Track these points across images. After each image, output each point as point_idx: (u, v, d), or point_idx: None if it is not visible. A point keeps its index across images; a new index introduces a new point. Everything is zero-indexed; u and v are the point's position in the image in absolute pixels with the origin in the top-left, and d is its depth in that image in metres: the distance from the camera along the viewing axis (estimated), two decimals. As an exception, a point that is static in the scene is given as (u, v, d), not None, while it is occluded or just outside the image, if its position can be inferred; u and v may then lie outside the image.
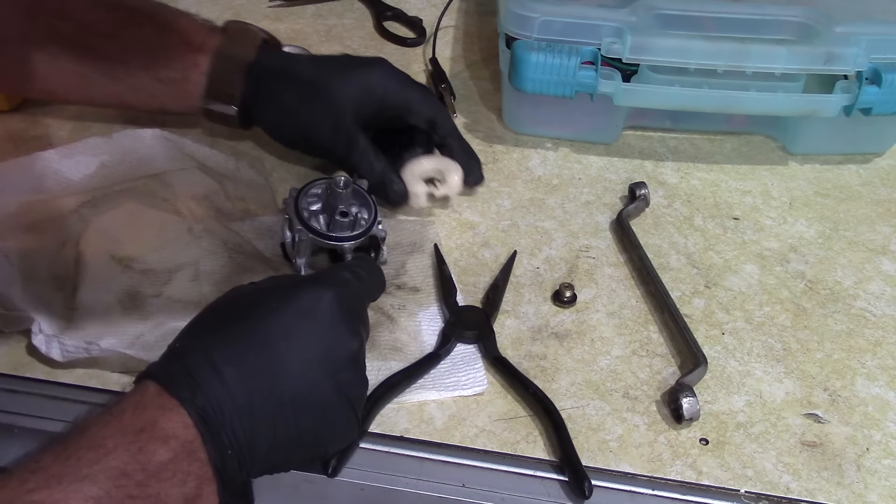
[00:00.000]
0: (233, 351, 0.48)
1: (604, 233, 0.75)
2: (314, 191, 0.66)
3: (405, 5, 1.03)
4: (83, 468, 0.43)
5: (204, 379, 0.47)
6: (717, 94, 0.76)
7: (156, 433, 0.45)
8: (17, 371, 0.60)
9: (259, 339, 0.49)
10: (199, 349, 0.48)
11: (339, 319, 0.51)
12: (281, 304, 0.51)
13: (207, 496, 0.46)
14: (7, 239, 0.66)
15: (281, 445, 0.49)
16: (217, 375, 0.47)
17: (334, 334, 0.51)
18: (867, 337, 0.67)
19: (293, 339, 0.49)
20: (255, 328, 0.49)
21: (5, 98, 0.83)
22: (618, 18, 0.74)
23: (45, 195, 0.70)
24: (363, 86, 0.70)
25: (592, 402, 0.61)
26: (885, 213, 0.79)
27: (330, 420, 0.51)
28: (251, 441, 0.47)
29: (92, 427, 0.45)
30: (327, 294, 0.51)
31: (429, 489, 0.55)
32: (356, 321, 0.53)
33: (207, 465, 0.46)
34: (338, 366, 0.50)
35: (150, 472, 0.44)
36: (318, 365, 0.50)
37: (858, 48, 0.74)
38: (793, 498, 0.56)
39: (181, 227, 0.70)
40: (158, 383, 0.47)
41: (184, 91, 0.71)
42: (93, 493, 0.42)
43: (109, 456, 0.43)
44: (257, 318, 0.50)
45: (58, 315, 0.62)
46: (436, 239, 0.72)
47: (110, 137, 0.73)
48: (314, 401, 0.49)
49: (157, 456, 0.44)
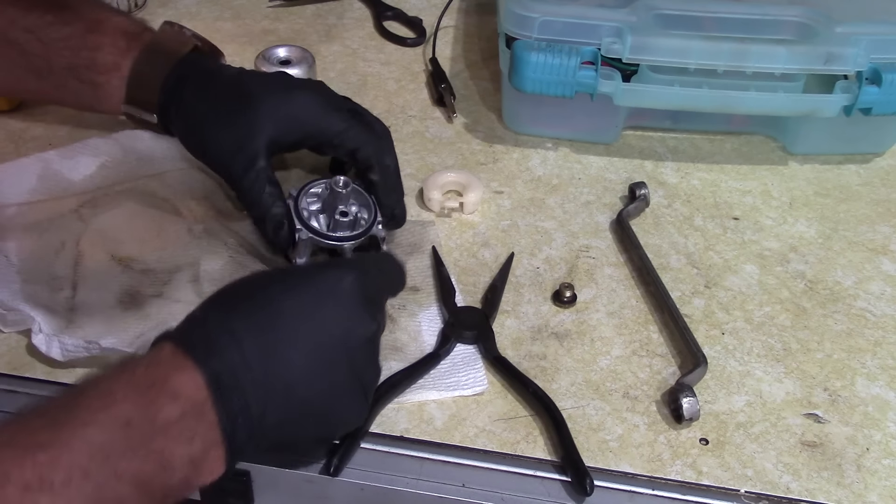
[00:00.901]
0: (252, 322, 0.48)
1: (604, 233, 0.75)
2: (314, 190, 0.66)
3: (405, 5, 1.03)
4: (88, 415, 0.43)
5: (222, 345, 0.47)
6: (717, 94, 0.76)
7: (166, 389, 0.45)
8: (17, 371, 0.60)
9: (279, 313, 0.49)
10: (220, 317, 0.49)
11: (358, 302, 0.52)
12: (303, 282, 0.51)
13: (213, 460, 0.46)
14: (7, 239, 0.66)
15: (291, 420, 0.49)
16: (235, 343, 0.47)
17: (352, 316, 0.51)
18: (867, 337, 0.67)
19: (312, 316, 0.50)
20: (276, 303, 0.50)
21: (5, 98, 0.83)
22: (618, 18, 0.74)
23: (45, 195, 0.70)
24: (284, 111, 0.65)
25: (592, 402, 0.61)
26: (885, 213, 0.79)
27: (340, 399, 0.51)
28: (262, 411, 0.47)
29: (103, 380, 0.45)
30: (349, 277, 0.52)
31: (429, 489, 0.55)
32: (374, 307, 0.54)
33: (216, 428, 0.45)
34: (353, 347, 0.51)
35: (157, 426, 0.44)
36: (335, 344, 0.50)
37: (858, 48, 0.74)
38: (793, 498, 0.56)
39: (181, 227, 0.70)
40: (175, 344, 0.47)
41: (105, 94, 0.68)
42: (96, 439, 0.42)
43: (116, 406, 0.43)
44: (279, 294, 0.50)
45: (58, 315, 0.62)
46: (436, 240, 0.72)
47: (110, 137, 0.73)
48: (327, 377, 0.50)
49: (165, 412, 0.44)
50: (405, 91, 0.90)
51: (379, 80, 0.92)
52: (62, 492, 0.40)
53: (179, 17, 1.00)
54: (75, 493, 0.41)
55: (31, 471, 0.40)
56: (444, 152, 0.82)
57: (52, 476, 0.40)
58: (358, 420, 0.54)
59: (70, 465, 0.41)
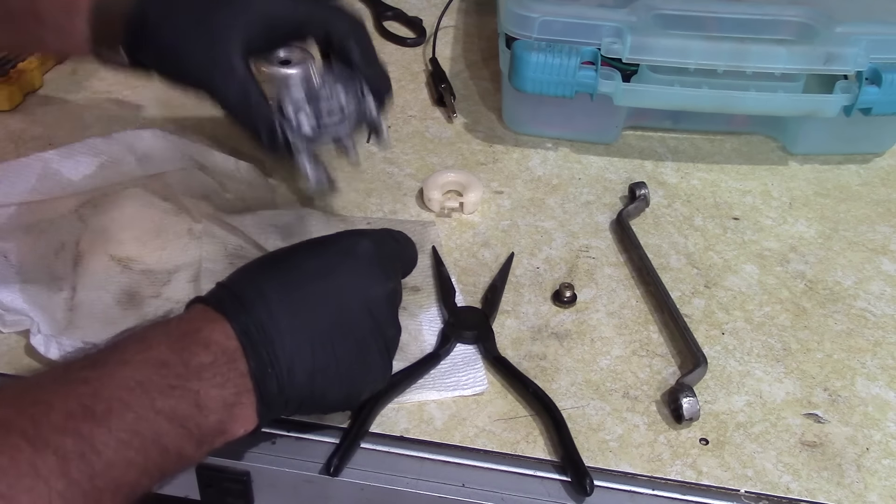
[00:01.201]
0: (279, 283, 0.51)
1: (604, 233, 0.74)
2: (295, 95, 0.63)
3: (405, 5, 1.03)
4: (127, 356, 0.45)
5: (250, 302, 0.49)
6: (717, 94, 0.76)
7: (199, 338, 0.47)
8: (16, 371, 0.60)
9: (303, 274, 0.52)
10: (248, 280, 0.52)
11: (375, 262, 0.55)
12: (323, 246, 0.55)
13: (246, 406, 0.48)
14: (7, 239, 0.66)
15: (318, 373, 0.50)
16: (263, 301, 0.49)
17: (371, 274, 0.54)
18: (867, 337, 0.67)
19: (334, 277, 0.53)
20: (299, 266, 0.53)
21: (5, 98, 0.83)
22: (618, 18, 0.74)
23: (44, 195, 0.70)
24: (252, 10, 0.63)
25: (592, 402, 0.61)
26: (885, 213, 0.79)
27: (364, 355, 0.53)
28: (290, 363, 0.49)
29: (140, 330, 0.48)
30: (365, 240, 0.55)
31: (429, 489, 0.55)
32: (391, 269, 0.56)
33: (247, 376, 0.48)
34: (374, 304, 0.53)
35: (192, 369, 0.46)
36: (356, 301, 0.52)
37: (858, 48, 0.74)
38: (793, 498, 0.56)
39: (181, 227, 0.70)
40: (206, 303, 0.50)
41: (70, 37, 0.64)
42: (135, 375, 0.44)
43: (153, 349, 0.46)
44: (301, 258, 0.53)
45: (57, 315, 0.62)
46: (436, 239, 0.72)
47: (110, 137, 0.73)
48: (351, 333, 0.52)
49: (199, 357, 0.46)
50: (405, 91, 0.90)
51: (379, 80, 0.92)
52: (103, 420, 0.42)
53: (179, 17, 1.00)
54: (116, 421, 0.42)
55: (75, 401, 0.42)
56: (444, 152, 0.82)
57: (95, 406, 0.42)
58: (380, 378, 0.56)
59: (110, 397, 0.43)
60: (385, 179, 0.79)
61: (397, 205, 0.76)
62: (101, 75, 0.90)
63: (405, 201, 0.76)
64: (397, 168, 0.80)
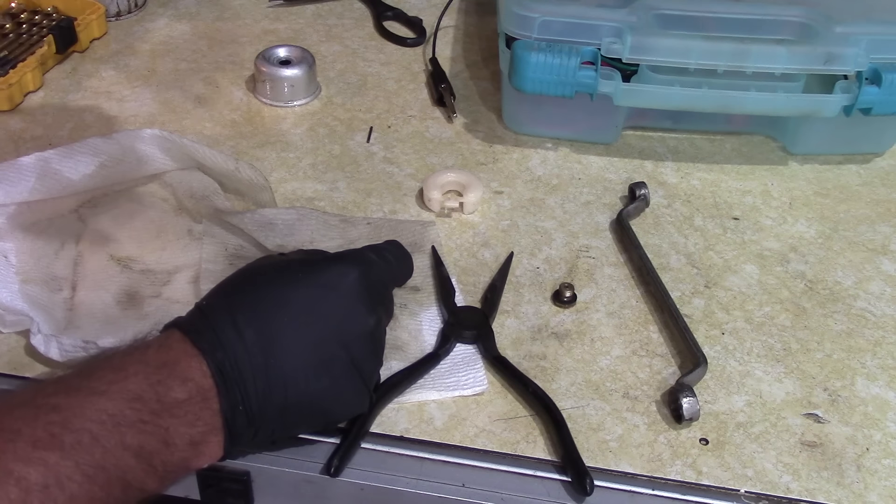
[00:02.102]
0: (255, 315, 0.50)
1: (604, 233, 0.74)
2: None
3: (405, 5, 1.03)
4: (102, 385, 0.45)
5: (226, 337, 0.49)
6: (717, 94, 0.76)
7: (176, 372, 0.47)
8: (16, 371, 0.60)
9: (281, 306, 0.51)
10: (225, 309, 0.50)
11: (358, 297, 0.53)
12: (306, 276, 0.53)
13: (212, 445, 0.48)
14: (7, 239, 0.66)
15: (291, 408, 0.50)
16: (238, 335, 0.49)
17: (354, 310, 0.53)
18: (867, 337, 0.67)
19: (314, 311, 0.52)
20: (278, 295, 0.52)
21: (5, 98, 0.83)
22: (618, 18, 0.74)
23: (44, 195, 0.69)
24: None
25: (592, 402, 0.61)
26: (885, 213, 0.79)
27: (339, 391, 0.52)
28: (262, 401, 0.49)
29: (117, 357, 0.47)
30: (352, 272, 0.54)
31: (429, 489, 0.55)
32: (375, 300, 0.55)
33: (218, 415, 0.48)
34: (353, 341, 0.53)
35: (165, 405, 0.46)
36: (335, 338, 0.52)
37: (858, 48, 0.74)
38: (793, 498, 0.56)
39: (181, 227, 0.70)
40: (183, 333, 0.49)
41: None
42: (108, 408, 0.44)
43: (129, 380, 0.46)
44: (282, 287, 0.52)
45: (57, 315, 0.62)
46: (436, 239, 0.72)
47: (110, 137, 0.73)
48: (327, 371, 0.51)
49: (174, 392, 0.46)
50: (405, 91, 0.90)
51: (379, 80, 0.92)
52: (71, 452, 0.42)
53: (179, 17, 1.00)
54: (84, 456, 0.42)
55: (43, 429, 0.42)
56: (444, 152, 0.82)
57: (63, 436, 0.42)
58: (358, 408, 0.55)
59: (80, 429, 0.43)
60: (385, 179, 0.79)
61: (397, 205, 0.76)
62: (102, 75, 0.90)
63: (405, 201, 0.76)
64: (397, 168, 0.80)
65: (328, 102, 0.88)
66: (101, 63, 0.92)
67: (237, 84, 0.90)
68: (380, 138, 0.84)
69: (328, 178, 0.78)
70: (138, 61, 0.92)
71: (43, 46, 0.87)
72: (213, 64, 0.92)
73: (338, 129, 0.85)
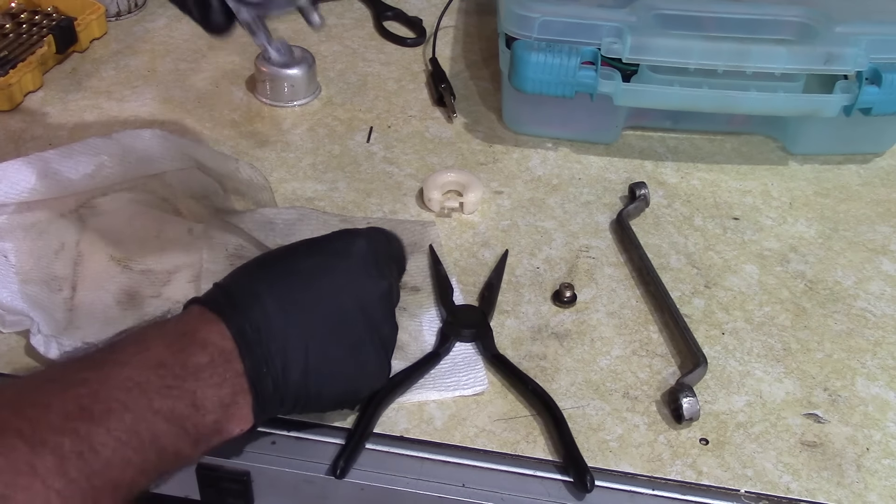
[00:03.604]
0: (273, 285, 0.51)
1: (604, 233, 0.74)
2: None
3: (405, 5, 1.03)
4: (125, 357, 0.46)
5: (246, 303, 0.49)
6: (717, 94, 0.76)
7: (196, 339, 0.47)
8: (16, 371, 0.60)
9: (298, 275, 0.52)
10: (243, 283, 0.52)
11: (370, 262, 0.55)
12: (318, 247, 0.55)
13: (242, 405, 0.48)
14: (7, 239, 0.66)
15: (313, 372, 0.51)
16: (258, 302, 0.50)
17: (366, 274, 0.54)
18: (867, 337, 0.67)
19: (328, 278, 0.53)
20: (294, 267, 0.53)
21: (5, 98, 0.83)
22: (618, 18, 0.74)
23: (44, 195, 0.70)
24: None
25: (592, 402, 0.61)
26: (885, 213, 0.79)
27: (360, 355, 0.53)
28: (285, 363, 0.49)
29: (137, 332, 0.48)
30: (359, 240, 0.56)
31: (429, 489, 0.55)
32: (386, 268, 0.57)
33: (243, 376, 0.48)
34: (368, 304, 0.53)
35: (189, 369, 0.46)
36: (351, 301, 0.53)
37: (858, 48, 0.74)
38: (793, 498, 0.56)
39: (181, 227, 0.70)
40: (202, 305, 0.50)
41: None
42: (133, 376, 0.45)
43: (151, 350, 0.46)
44: (296, 259, 0.54)
45: (57, 315, 0.62)
46: (436, 239, 0.72)
47: (110, 137, 0.73)
48: (346, 333, 0.52)
49: (196, 357, 0.47)
50: (405, 91, 0.90)
51: (379, 80, 0.92)
52: (102, 420, 0.42)
53: (179, 17, 1.00)
54: (115, 422, 0.43)
55: (73, 402, 0.42)
56: (444, 152, 0.82)
57: (93, 406, 0.43)
58: (380, 375, 0.56)
59: (108, 398, 0.43)
60: (385, 179, 0.79)
61: (397, 205, 0.76)
62: (101, 75, 0.90)
63: (405, 201, 0.76)
64: (397, 168, 0.80)
65: (328, 102, 0.88)
66: (101, 63, 0.92)
67: (237, 84, 0.90)
68: (380, 138, 0.84)
69: (328, 178, 0.78)
70: (138, 61, 0.92)
71: (43, 46, 0.87)
72: (212, 64, 0.92)
73: (338, 129, 0.85)
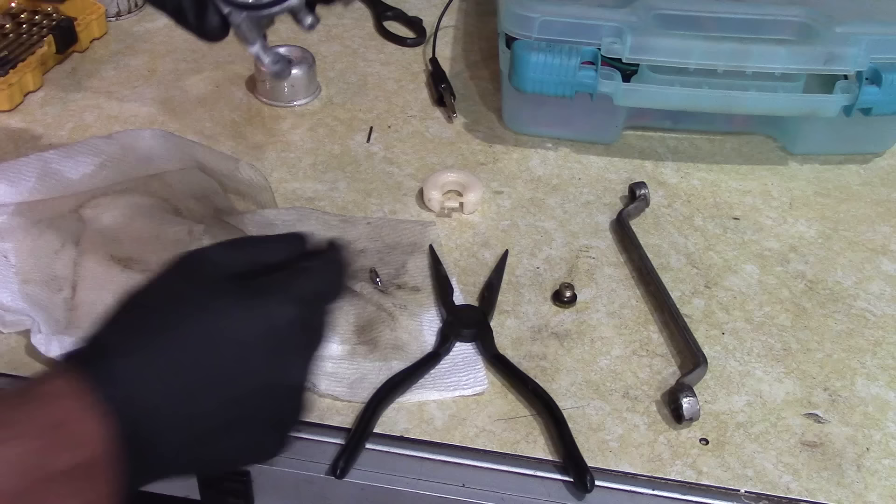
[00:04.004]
0: (160, 367, 0.42)
1: (604, 233, 0.74)
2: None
3: (405, 5, 1.03)
4: None
5: (126, 377, 0.41)
6: (717, 94, 0.76)
7: (66, 435, 0.38)
8: (16, 371, 0.60)
9: (189, 354, 0.43)
10: (124, 355, 0.43)
11: (284, 348, 0.44)
12: (225, 318, 0.45)
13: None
14: (7, 239, 0.66)
15: (203, 434, 0.42)
16: (142, 382, 0.41)
17: (278, 364, 0.44)
18: (867, 337, 0.67)
19: (223, 360, 0.43)
20: (188, 341, 0.44)
21: (5, 98, 0.83)
22: (618, 18, 0.74)
23: (44, 195, 0.70)
24: None
25: (592, 402, 0.61)
26: (885, 213, 0.79)
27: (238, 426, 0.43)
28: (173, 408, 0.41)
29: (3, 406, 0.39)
30: (287, 314, 0.44)
31: (429, 489, 0.55)
32: (314, 341, 0.46)
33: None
34: (279, 395, 0.44)
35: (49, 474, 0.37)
36: (257, 392, 0.43)
37: (858, 48, 0.74)
38: (793, 498, 0.56)
39: (181, 227, 0.70)
40: (78, 383, 0.40)
41: None
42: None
43: (9, 443, 0.37)
44: (195, 333, 0.44)
45: (57, 315, 0.62)
46: (436, 240, 0.72)
47: (110, 137, 0.73)
48: (241, 426, 0.43)
49: (61, 461, 0.37)
50: (405, 91, 0.90)
51: (379, 80, 0.92)
52: None
53: (179, 17, 1.00)
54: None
55: None
56: (444, 152, 0.82)
57: None
58: (267, 451, 0.46)
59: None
60: (385, 179, 0.79)
61: (397, 205, 0.76)
62: (102, 75, 0.90)
63: (405, 201, 0.76)
64: (397, 168, 0.80)
65: (328, 102, 0.88)
66: (101, 63, 0.92)
67: (237, 84, 0.90)
68: (380, 138, 0.84)
69: (328, 178, 0.78)
70: (138, 61, 0.92)
71: (43, 46, 0.87)
72: (213, 64, 0.92)
73: (338, 129, 0.85)
